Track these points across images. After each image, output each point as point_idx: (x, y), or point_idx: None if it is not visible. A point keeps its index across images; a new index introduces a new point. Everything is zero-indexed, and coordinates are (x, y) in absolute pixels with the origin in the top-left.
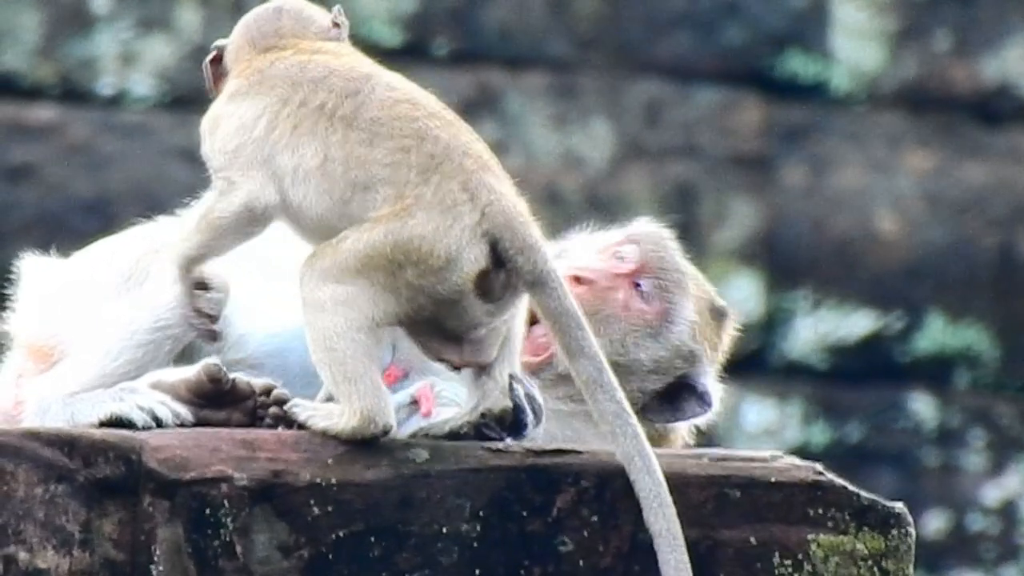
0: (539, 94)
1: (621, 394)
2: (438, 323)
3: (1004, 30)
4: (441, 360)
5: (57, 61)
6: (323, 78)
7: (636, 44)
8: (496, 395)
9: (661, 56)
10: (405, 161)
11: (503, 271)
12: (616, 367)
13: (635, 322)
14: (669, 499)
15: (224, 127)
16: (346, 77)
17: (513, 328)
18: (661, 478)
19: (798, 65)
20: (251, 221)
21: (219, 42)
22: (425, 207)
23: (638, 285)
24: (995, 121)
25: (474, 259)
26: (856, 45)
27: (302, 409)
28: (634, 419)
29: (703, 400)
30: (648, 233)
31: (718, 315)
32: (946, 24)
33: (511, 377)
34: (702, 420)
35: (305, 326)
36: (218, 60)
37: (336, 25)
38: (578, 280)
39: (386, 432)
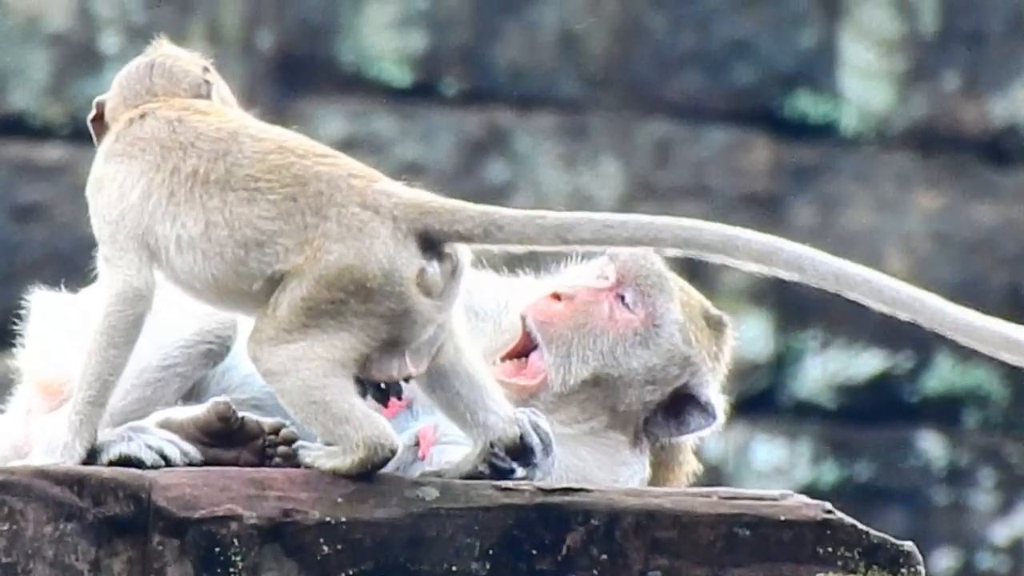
0: (549, 134)
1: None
2: (391, 339)
3: (1013, 70)
4: (388, 379)
5: (66, 101)
6: (191, 143)
7: (646, 84)
8: (501, 426)
9: (671, 96)
10: (295, 208)
11: (436, 259)
12: (611, 380)
13: (623, 331)
14: None
15: (106, 192)
16: (213, 138)
17: (474, 362)
18: None
19: (807, 105)
20: (135, 303)
21: (100, 98)
22: (337, 240)
23: (622, 297)
24: (1004, 161)
25: (408, 262)
26: (865, 85)
27: (307, 452)
28: None
29: (707, 411)
30: (628, 252)
31: (714, 322)
32: (955, 64)
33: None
34: (707, 432)
35: (279, 396)
36: (100, 117)
37: (207, 82)
38: (557, 297)
39: (393, 452)
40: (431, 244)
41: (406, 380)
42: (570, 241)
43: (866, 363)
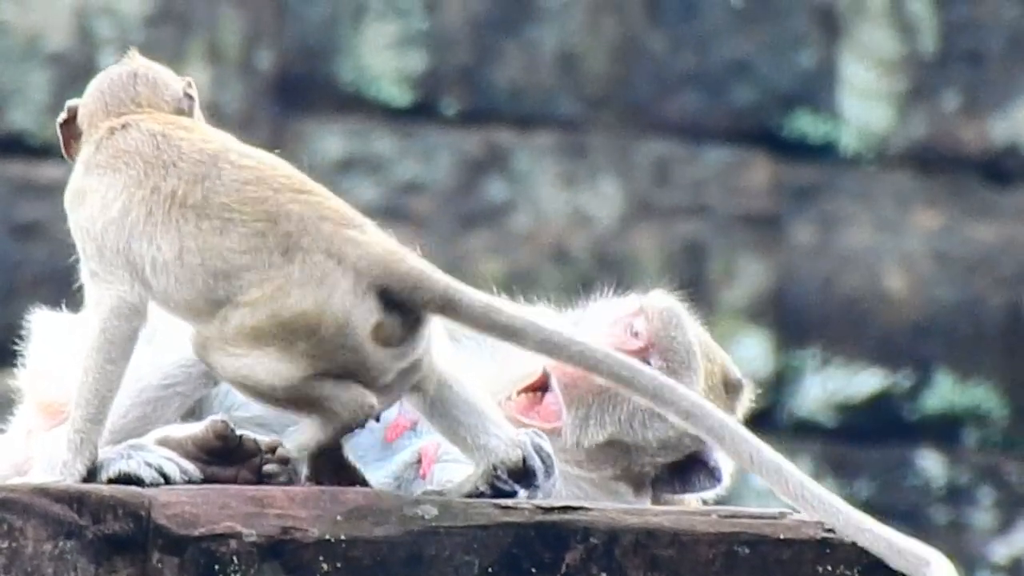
0: (548, 153)
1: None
2: (346, 375)
3: (1012, 90)
4: (352, 417)
5: None
6: (173, 162)
7: (645, 103)
8: (503, 448)
9: (670, 115)
10: (263, 245)
11: (397, 315)
12: (624, 446)
13: (642, 402)
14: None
15: (88, 204)
16: (195, 160)
17: (468, 389)
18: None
19: (807, 125)
20: (131, 317)
21: (72, 102)
22: (298, 285)
23: (647, 363)
24: (1003, 181)
25: (365, 317)
26: (865, 105)
27: (289, 440)
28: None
29: (713, 475)
30: (660, 309)
31: (732, 388)
32: (954, 84)
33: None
34: (711, 494)
35: (234, 387)
36: (71, 120)
37: (189, 96)
38: None
39: (373, 407)
40: (391, 298)
41: (376, 419)
42: (517, 342)
43: (865, 382)
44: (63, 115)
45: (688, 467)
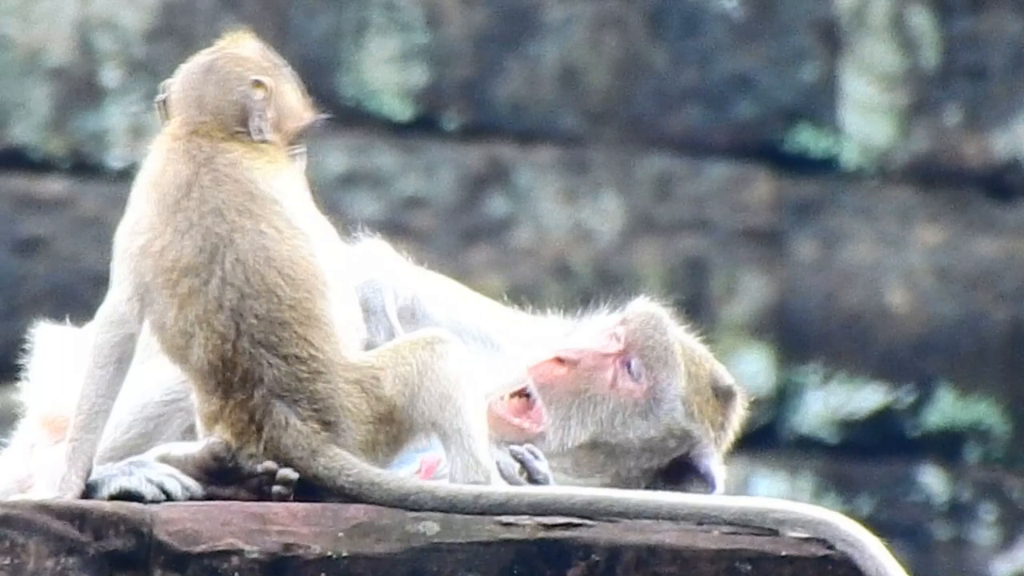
0: (549, 168)
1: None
2: None
3: (1014, 105)
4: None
5: (67, 134)
6: (187, 229)
7: (647, 119)
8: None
9: (672, 131)
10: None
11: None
12: (609, 448)
13: (623, 401)
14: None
15: (128, 215)
16: (198, 245)
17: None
18: None
19: (809, 140)
20: (120, 325)
21: (167, 82)
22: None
23: (628, 364)
24: (1006, 196)
25: None
26: (866, 120)
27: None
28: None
29: (705, 481)
30: (639, 312)
31: (722, 394)
32: (956, 99)
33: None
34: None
35: None
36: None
37: (254, 100)
38: (560, 361)
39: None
40: None
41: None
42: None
43: (867, 398)
44: (161, 95)
45: (679, 473)
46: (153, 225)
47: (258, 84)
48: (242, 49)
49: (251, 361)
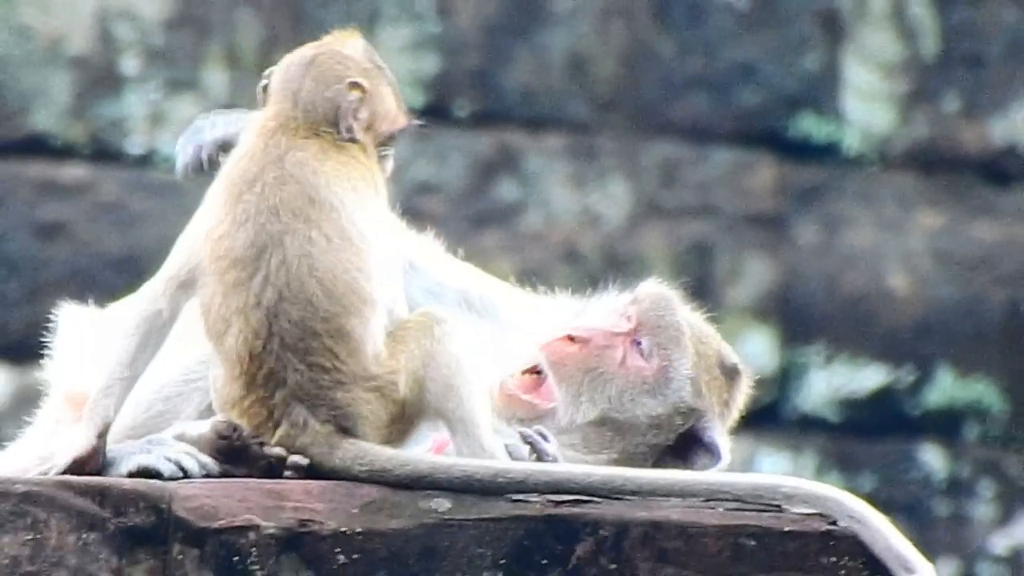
0: (558, 155)
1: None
2: None
3: (1012, 92)
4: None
5: (88, 121)
6: (244, 222)
7: (653, 106)
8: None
9: (677, 118)
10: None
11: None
12: (617, 425)
13: (632, 379)
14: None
15: (202, 206)
16: (250, 239)
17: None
18: None
19: (811, 127)
20: (151, 301)
21: (271, 69)
22: None
23: (638, 343)
24: (1003, 181)
25: None
26: (867, 107)
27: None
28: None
29: (711, 452)
30: (650, 293)
31: (729, 372)
32: (955, 86)
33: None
34: (714, 471)
35: None
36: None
37: (346, 108)
38: (571, 339)
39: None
40: None
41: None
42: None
43: (869, 378)
44: (264, 81)
45: (685, 447)
46: (217, 212)
47: (354, 86)
48: (345, 48)
49: (277, 362)
